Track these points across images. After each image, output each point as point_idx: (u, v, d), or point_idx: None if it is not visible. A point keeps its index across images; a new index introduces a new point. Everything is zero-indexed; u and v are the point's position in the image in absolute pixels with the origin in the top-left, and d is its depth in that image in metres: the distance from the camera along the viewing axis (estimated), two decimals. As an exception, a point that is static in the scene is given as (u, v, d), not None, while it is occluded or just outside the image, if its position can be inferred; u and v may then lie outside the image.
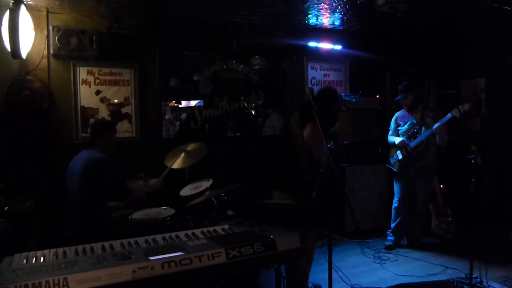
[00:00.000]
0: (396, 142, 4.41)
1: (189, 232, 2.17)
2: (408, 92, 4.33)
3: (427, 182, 4.43)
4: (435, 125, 4.11)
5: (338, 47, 5.41)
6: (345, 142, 5.06)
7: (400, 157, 4.39)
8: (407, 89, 4.35)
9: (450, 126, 4.20)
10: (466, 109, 4.04)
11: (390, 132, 4.61)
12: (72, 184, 3.16)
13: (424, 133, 4.24)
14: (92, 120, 4.26)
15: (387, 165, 4.57)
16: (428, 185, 4.45)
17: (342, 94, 5.31)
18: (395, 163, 4.46)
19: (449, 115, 4.07)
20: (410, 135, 4.35)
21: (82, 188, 3.04)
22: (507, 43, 5.15)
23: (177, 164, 3.80)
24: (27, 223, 3.21)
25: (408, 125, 4.40)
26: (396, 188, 4.55)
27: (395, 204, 4.56)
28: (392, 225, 4.59)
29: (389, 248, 4.51)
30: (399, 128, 4.47)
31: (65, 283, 1.48)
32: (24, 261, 1.71)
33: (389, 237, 4.61)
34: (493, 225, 4.75)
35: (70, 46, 4.03)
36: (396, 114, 4.58)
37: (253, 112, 5.32)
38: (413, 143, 4.29)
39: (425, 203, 4.47)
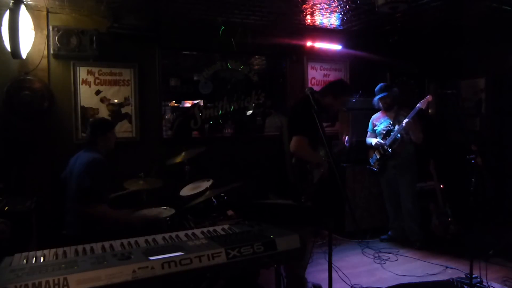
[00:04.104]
0: (373, 143, 4.62)
1: (189, 232, 2.16)
2: (386, 93, 4.50)
3: (409, 179, 4.50)
4: (404, 120, 4.31)
5: (338, 47, 5.42)
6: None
7: (378, 156, 4.58)
8: (385, 90, 4.53)
9: (449, 125, 4.24)
10: (429, 100, 4.37)
11: (368, 134, 4.79)
12: (70, 186, 3.15)
13: (396, 129, 4.39)
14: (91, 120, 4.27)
15: (368, 166, 4.72)
16: (410, 183, 4.51)
17: (346, 101, 5.32)
18: (374, 163, 4.64)
19: (416, 107, 4.29)
20: (385, 134, 4.52)
21: (79, 189, 3.03)
22: (507, 43, 5.15)
23: (177, 159, 3.82)
24: (27, 223, 3.21)
25: (384, 125, 4.57)
26: (382, 187, 4.76)
27: (385, 203, 4.79)
28: (389, 222, 4.82)
29: (382, 240, 4.76)
30: (376, 128, 4.65)
31: (65, 283, 1.48)
32: (24, 261, 1.71)
33: (389, 232, 4.80)
34: (493, 225, 4.75)
35: (70, 46, 4.04)
36: (373, 117, 4.76)
37: (251, 112, 5.31)
38: (387, 141, 4.46)
39: (412, 201, 4.49)
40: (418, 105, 4.29)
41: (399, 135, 4.40)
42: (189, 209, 3.56)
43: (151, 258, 1.66)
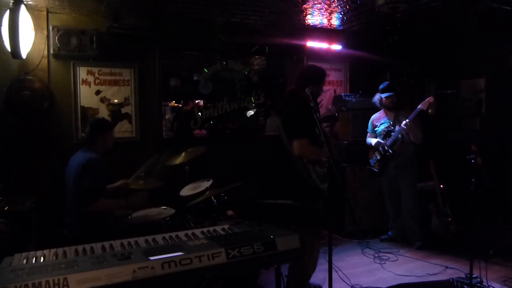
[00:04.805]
0: (373, 144, 4.59)
1: (189, 232, 2.16)
2: (393, 92, 4.48)
3: (410, 179, 4.49)
4: (404, 122, 4.29)
5: (338, 47, 5.41)
6: (345, 142, 5.07)
7: (378, 157, 4.55)
8: (392, 89, 4.50)
9: (449, 125, 4.24)
10: (431, 101, 4.37)
11: (368, 134, 4.77)
12: (68, 186, 3.16)
13: (397, 130, 4.37)
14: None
15: (368, 167, 4.70)
16: (411, 183, 4.50)
17: (342, 94, 5.33)
18: (375, 164, 4.62)
19: (417, 108, 4.28)
20: (385, 134, 4.50)
21: (77, 191, 3.04)
22: (507, 43, 5.15)
23: (177, 160, 3.81)
24: (27, 223, 3.21)
25: (384, 125, 4.55)
26: (382, 187, 4.74)
27: (386, 203, 4.77)
28: (389, 222, 4.81)
29: (382, 240, 4.75)
30: (376, 129, 4.63)
31: (65, 283, 1.48)
32: (24, 261, 1.71)
33: (389, 233, 4.79)
34: (493, 225, 4.75)
35: (70, 46, 4.03)
36: (372, 117, 4.73)
37: (252, 112, 5.31)
38: (388, 141, 4.44)
39: (413, 201, 4.48)
40: (419, 106, 4.27)
41: (399, 136, 4.39)
42: (189, 209, 3.56)
43: (151, 258, 1.66)
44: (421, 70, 5.93)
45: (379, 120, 4.62)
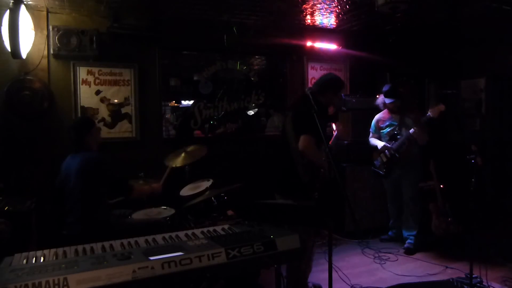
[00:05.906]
0: (379, 147, 4.53)
1: (189, 232, 2.17)
2: (396, 97, 4.41)
3: (413, 180, 4.47)
4: (412, 130, 4.24)
5: (338, 47, 5.41)
6: (345, 142, 5.06)
7: (384, 159, 4.50)
8: (395, 94, 4.42)
9: (449, 125, 4.22)
10: (442, 110, 4.17)
11: (371, 134, 4.72)
12: (69, 186, 3.15)
13: (404, 134, 4.34)
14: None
15: (373, 168, 4.65)
16: (414, 183, 4.49)
17: (342, 94, 5.32)
18: (380, 166, 4.57)
19: (427, 115, 4.20)
20: (391, 136, 4.46)
21: (80, 189, 3.04)
22: (507, 43, 5.15)
23: (177, 162, 3.80)
24: (27, 223, 3.21)
25: (389, 127, 4.51)
26: (385, 187, 4.73)
27: (388, 203, 4.76)
28: (390, 222, 4.80)
29: (383, 240, 4.75)
30: (382, 131, 4.58)
31: (65, 283, 1.48)
32: (24, 261, 1.71)
33: (389, 233, 4.79)
34: (493, 225, 4.75)
35: (70, 46, 4.04)
36: (377, 117, 4.67)
37: (252, 112, 5.31)
38: (395, 145, 4.38)
39: (413, 201, 4.47)
40: (428, 113, 4.19)
41: (405, 139, 4.32)
42: (189, 209, 3.56)
43: (151, 258, 1.66)
44: (421, 70, 5.93)
45: (384, 122, 4.55)
